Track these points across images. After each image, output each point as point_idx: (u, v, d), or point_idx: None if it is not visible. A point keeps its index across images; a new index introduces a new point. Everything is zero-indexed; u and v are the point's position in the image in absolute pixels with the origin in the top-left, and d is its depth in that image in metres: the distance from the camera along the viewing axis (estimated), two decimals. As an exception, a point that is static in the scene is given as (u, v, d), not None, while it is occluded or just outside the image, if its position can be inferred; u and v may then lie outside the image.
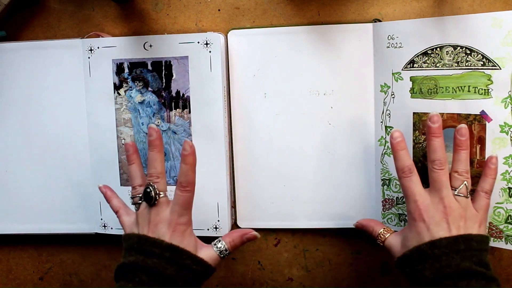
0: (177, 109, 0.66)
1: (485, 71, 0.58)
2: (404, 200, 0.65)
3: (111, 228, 0.69)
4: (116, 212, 0.62)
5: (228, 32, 0.67)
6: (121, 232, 0.68)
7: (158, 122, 0.66)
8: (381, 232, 0.60)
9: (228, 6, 0.67)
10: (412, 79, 0.62)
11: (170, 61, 0.65)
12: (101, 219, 0.69)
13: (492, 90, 0.58)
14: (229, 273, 0.73)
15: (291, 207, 0.69)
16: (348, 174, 0.67)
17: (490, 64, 0.58)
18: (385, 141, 0.66)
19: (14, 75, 0.68)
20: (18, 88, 0.69)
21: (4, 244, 0.75)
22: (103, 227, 0.70)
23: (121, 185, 0.68)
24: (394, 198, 0.66)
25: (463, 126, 0.56)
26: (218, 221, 0.67)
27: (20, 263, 0.75)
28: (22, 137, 0.69)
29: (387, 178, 0.66)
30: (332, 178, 0.67)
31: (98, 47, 0.66)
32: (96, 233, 0.70)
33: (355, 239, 0.70)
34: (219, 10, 0.68)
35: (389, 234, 0.59)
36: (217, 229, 0.67)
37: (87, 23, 0.69)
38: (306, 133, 0.67)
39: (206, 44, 0.64)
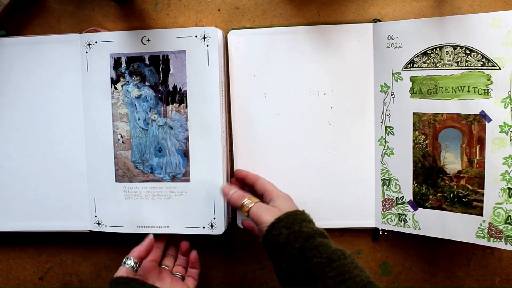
0: (174, 104, 0.66)
1: (485, 71, 0.58)
2: (403, 200, 0.65)
3: (105, 226, 0.68)
4: None
5: (228, 32, 0.67)
6: (116, 230, 0.68)
7: (154, 117, 0.66)
8: (245, 202, 0.60)
9: (228, 6, 0.67)
10: (412, 79, 0.62)
11: (167, 55, 0.65)
12: (96, 216, 0.69)
13: (492, 90, 0.58)
14: (229, 273, 0.73)
15: (291, 207, 0.69)
16: (348, 174, 0.67)
17: (490, 64, 0.58)
18: (385, 141, 0.66)
19: (11, 70, 0.68)
20: (15, 83, 0.68)
21: (4, 244, 0.75)
22: (97, 225, 0.68)
23: (116, 181, 0.68)
24: (394, 198, 0.66)
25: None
26: (214, 218, 0.66)
27: (20, 263, 0.75)
28: (18, 132, 0.69)
29: (387, 178, 0.66)
30: (332, 178, 0.67)
31: (96, 42, 0.66)
32: (90, 231, 0.69)
33: (355, 239, 0.70)
34: (219, 10, 0.68)
35: (253, 203, 0.60)
36: (213, 227, 0.66)
37: (87, 23, 0.69)
38: (306, 133, 0.67)
39: (204, 38, 0.64)
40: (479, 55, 0.58)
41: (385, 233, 0.68)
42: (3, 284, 0.75)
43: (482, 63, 0.58)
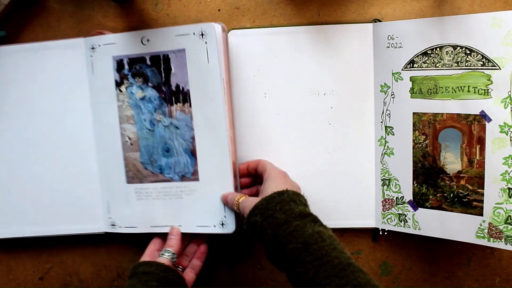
0: (178, 104, 0.65)
1: (485, 71, 0.58)
2: (403, 200, 0.65)
3: (120, 227, 0.68)
4: None
5: (228, 32, 0.67)
6: (130, 231, 0.68)
7: (160, 118, 0.66)
8: (235, 200, 0.62)
9: (228, 6, 0.67)
10: (412, 79, 0.62)
11: (167, 55, 0.65)
12: (109, 218, 0.69)
13: (492, 90, 0.58)
14: (229, 273, 0.73)
15: (291, 207, 0.69)
16: (348, 174, 0.67)
17: (490, 64, 0.58)
18: (385, 141, 0.66)
19: (18, 77, 0.68)
20: (23, 90, 0.68)
21: (4, 244, 0.75)
22: (112, 226, 0.69)
23: (127, 182, 0.68)
24: (394, 198, 0.66)
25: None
26: (225, 217, 0.65)
27: (20, 263, 0.75)
28: (28, 138, 0.69)
29: (387, 178, 0.66)
30: (332, 178, 0.67)
31: (99, 45, 0.66)
32: (106, 232, 0.69)
33: (355, 239, 0.70)
34: (219, 10, 0.68)
35: (243, 197, 0.61)
36: (224, 226, 0.65)
37: (87, 23, 0.69)
38: (306, 133, 0.67)
39: (202, 35, 0.63)
40: (479, 55, 0.58)
41: (385, 233, 0.68)
42: (3, 284, 0.75)
43: (482, 63, 0.58)
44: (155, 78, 0.65)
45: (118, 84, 0.66)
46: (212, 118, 0.64)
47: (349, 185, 0.67)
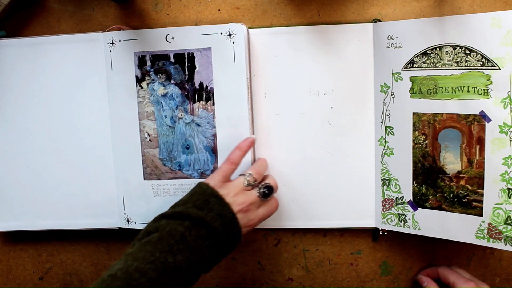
0: (201, 101, 0.66)
1: (485, 71, 0.58)
2: (403, 200, 0.65)
3: (135, 223, 0.69)
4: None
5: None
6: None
7: (181, 115, 0.66)
8: None
9: (228, 6, 0.68)
10: (411, 79, 0.62)
11: (193, 53, 0.65)
12: (125, 213, 0.69)
13: (492, 90, 0.58)
14: (229, 273, 0.73)
15: (291, 207, 0.69)
16: (348, 174, 0.67)
17: (490, 64, 0.58)
18: (385, 141, 0.66)
19: (34, 70, 0.68)
20: (39, 83, 0.68)
21: (4, 244, 0.75)
22: (127, 222, 0.69)
23: (144, 178, 0.68)
24: (394, 198, 0.66)
25: None
26: None
27: (20, 263, 0.75)
28: (44, 132, 0.69)
29: (387, 178, 0.66)
30: (331, 178, 0.67)
31: (119, 40, 0.66)
32: (119, 228, 0.70)
33: (355, 239, 0.70)
34: (219, 10, 0.68)
35: None
36: None
37: (87, 23, 0.69)
38: (306, 133, 0.67)
39: (229, 35, 0.64)
40: (479, 55, 0.58)
41: (385, 233, 0.68)
42: (3, 284, 0.76)
43: (481, 63, 0.58)
44: (178, 76, 0.66)
45: (139, 80, 0.66)
46: (235, 117, 0.65)
47: (349, 185, 0.67)
